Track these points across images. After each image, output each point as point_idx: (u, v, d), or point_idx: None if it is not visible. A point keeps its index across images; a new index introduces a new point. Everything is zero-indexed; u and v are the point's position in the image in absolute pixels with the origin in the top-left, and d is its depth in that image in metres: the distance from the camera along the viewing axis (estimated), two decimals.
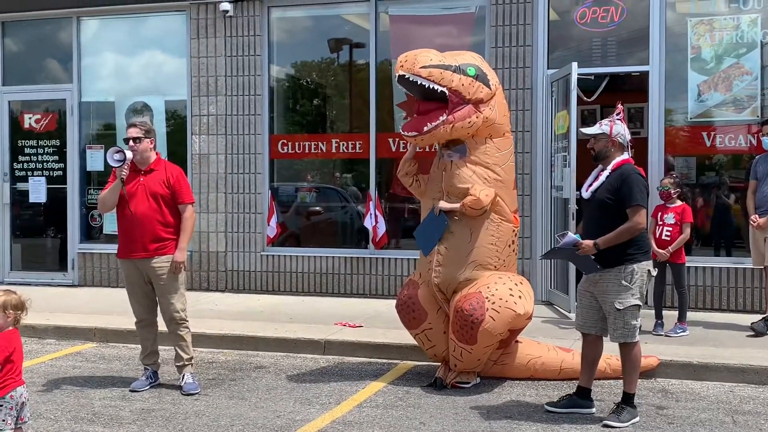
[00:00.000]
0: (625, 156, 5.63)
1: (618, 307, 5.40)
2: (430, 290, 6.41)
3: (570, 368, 6.38)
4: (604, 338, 5.66)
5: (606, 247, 5.36)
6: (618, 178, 5.49)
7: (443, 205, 6.20)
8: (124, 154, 6.18)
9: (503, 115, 6.45)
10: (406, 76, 6.12)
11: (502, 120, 6.40)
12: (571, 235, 5.48)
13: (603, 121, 5.73)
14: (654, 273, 5.88)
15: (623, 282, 5.41)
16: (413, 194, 6.87)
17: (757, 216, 7.81)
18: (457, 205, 6.14)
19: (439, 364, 6.59)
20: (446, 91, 6.11)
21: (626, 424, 5.38)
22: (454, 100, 6.15)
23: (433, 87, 6.09)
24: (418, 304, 6.42)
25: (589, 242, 5.38)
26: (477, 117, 6.19)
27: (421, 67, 6.07)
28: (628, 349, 5.50)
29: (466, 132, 6.23)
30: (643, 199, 5.47)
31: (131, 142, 6.29)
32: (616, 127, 5.61)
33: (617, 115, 5.73)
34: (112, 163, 6.19)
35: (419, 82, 6.10)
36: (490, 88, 6.29)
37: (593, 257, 5.42)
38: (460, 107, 6.16)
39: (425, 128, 6.16)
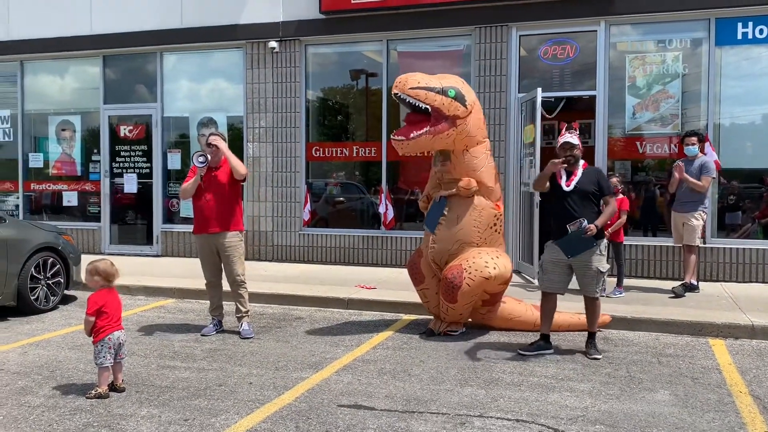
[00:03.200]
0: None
1: (602, 270, 5.48)
2: (428, 261, 6.38)
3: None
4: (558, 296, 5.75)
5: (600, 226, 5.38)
6: (595, 174, 5.57)
7: (442, 192, 6.21)
8: (206, 157, 6.19)
9: (478, 127, 6.13)
10: (399, 95, 5.88)
11: (476, 132, 6.09)
12: (586, 222, 5.24)
13: (572, 135, 5.58)
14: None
15: (602, 251, 5.49)
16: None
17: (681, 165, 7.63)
18: (453, 190, 6.10)
19: (432, 317, 6.56)
20: (429, 108, 5.86)
21: (600, 355, 5.55)
22: (436, 115, 5.88)
23: (418, 104, 5.85)
24: (419, 269, 6.42)
25: (593, 226, 5.27)
26: (453, 130, 5.92)
27: (410, 88, 5.81)
28: (596, 302, 5.63)
29: (444, 142, 5.97)
30: None
31: (213, 147, 6.28)
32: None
33: (576, 130, 5.70)
34: (197, 164, 6.16)
35: (408, 100, 5.86)
36: (466, 107, 5.98)
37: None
38: (440, 122, 5.88)
39: (411, 135, 5.87)
